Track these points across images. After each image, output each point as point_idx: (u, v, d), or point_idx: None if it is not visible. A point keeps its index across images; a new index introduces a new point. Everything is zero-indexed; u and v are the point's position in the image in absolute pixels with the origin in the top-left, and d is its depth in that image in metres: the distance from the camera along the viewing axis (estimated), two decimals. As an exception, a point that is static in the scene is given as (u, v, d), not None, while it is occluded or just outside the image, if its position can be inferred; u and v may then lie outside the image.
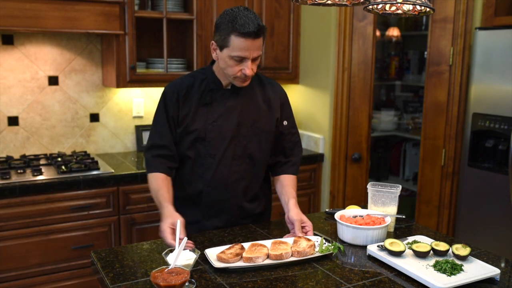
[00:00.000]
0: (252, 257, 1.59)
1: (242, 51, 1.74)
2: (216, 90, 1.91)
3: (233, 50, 1.75)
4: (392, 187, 1.93)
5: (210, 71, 1.93)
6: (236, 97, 1.92)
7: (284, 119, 2.03)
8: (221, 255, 1.60)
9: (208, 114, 1.89)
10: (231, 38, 1.73)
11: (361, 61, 3.29)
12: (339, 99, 3.33)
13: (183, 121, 1.89)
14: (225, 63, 1.80)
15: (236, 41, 1.73)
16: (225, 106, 1.91)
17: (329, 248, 1.65)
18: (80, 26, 2.71)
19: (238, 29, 1.71)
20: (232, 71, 1.80)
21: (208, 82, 1.92)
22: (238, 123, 1.91)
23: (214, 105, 1.90)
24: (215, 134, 1.89)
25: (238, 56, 1.75)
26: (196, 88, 1.91)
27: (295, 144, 2.09)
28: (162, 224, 1.69)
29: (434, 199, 3.31)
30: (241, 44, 1.73)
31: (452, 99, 3.17)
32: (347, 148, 3.38)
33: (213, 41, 1.82)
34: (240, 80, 1.83)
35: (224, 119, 1.90)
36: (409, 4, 1.56)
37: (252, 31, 1.71)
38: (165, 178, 1.89)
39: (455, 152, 3.20)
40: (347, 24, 3.23)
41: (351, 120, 3.35)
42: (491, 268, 1.53)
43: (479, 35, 2.95)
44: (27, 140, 3.06)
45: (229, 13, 1.75)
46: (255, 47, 1.76)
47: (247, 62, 1.77)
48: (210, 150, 1.90)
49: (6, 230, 2.50)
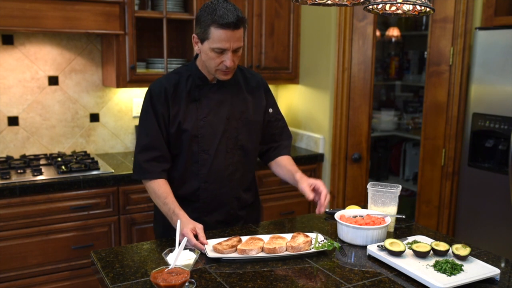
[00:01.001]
0: (246, 249, 1.63)
1: (222, 43, 1.75)
2: (202, 86, 1.91)
3: (214, 42, 1.75)
4: (392, 187, 1.93)
5: (194, 67, 1.92)
6: (223, 90, 1.93)
7: (269, 107, 2.06)
8: (217, 245, 1.65)
9: (198, 110, 1.90)
10: (211, 30, 1.74)
11: (361, 61, 3.29)
12: (339, 99, 3.33)
13: (175, 120, 1.88)
14: (207, 56, 1.81)
15: (216, 32, 1.74)
16: (214, 100, 1.91)
17: (324, 245, 1.66)
18: (80, 26, 2.71)
19: (217, 21, 1.72)
20: (213, 63, 1.80)
21: (194, 78, 1.91)
22: (228, 116, 1.92)
23: (203, 101, 1.91)
24: (207, 130, 1.90)
25: (218, 48, 1.76)
26: (182, 85, 1.90)
27: (283, 130, 2.13)
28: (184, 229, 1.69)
29: (434, 199, 3.31)
30: (220, 35, 1.74)
31: (452, 99, 3.17)
32: (347, 148, 3.38)
33: (194, 34, 1.83)
34: (222, 72, 1.83)
35: (214, 113, 1.91)
36: (409, 4, 1.56)
37: (232, 21, 1.72)
38: (166, 183, 1.90)
39: (455, 152, 3.20)
40: (347, 24, 3.23)
41: (351, 120, 3.35)
42: (491, 268, 1.53)
43: (479, 35, 2.95)
44: (27, 140, 3.06)
45: (209, 5, 1.77)
46: (235, 38, 1.76)
47: (228, 54, 1.78)
48: (204, 146, 1.91)
49: (6, 230, 2.50)
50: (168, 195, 1.85)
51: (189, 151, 1.91)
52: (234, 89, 1.96)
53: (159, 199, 1.86)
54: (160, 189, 1.87)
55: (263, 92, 2.04)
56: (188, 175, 1.94)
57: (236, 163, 1.97)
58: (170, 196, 1.85)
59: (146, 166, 1.89)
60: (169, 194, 1.86)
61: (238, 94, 1.96)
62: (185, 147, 1.90)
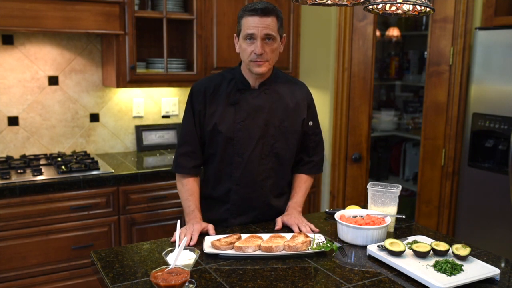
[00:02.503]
0: (242, 246, 1.63)
1: (250, 28, 1.82)
2: (243, 90, 1.94)
3: (244, 30, 1.84)
4: (392, 187, 1.93)
5: (238, 71, 1.97)
6: (264, 96, 1.95)
7: (309, 120, 2.07)
8: (215, 242, 1.66)
9: (236, 113, 1.92)
10: (243, 20, 1.85)
11: (361, 61, 3.29)
12: (339, 99, 3.33)
13: (210, 119, 1.92)
14: (241, 49, 1.88)
15: (246, 20, 1.83)
16: (253, 106, 1.93)
17: (322, 246, 1.66)
18: (80, 26, 2.71)
19: (246, 9, 1.84)
20: (245, 54, 1.86)
21: (236, 82, 1.95)
22: (265, 123, 1.94)
23: (242, 105, 1.93)
24: (243, 134, 1.92)
25: (247, 34, 1.83)
26: (224, 87, 1.94)
27: (318, 144, 2.13)
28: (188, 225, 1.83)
29: (434, 199, 3.31)
30: (248, 22, 1.82)
31: (452, 99, 3.17)
32: (347, 148, 3.38)
33: (235, 34, 1.92)
34: (255, 63, 1.85)
35: (252, 118, 1.92)
36: (409, 4, 1.56)
37: (259, 8, 1.81)
38: (194, 181, 2.00)
39: (455, 152, 3.20)
40: (347, 24, 3.23)
41: (351, 120, 3.35)
42: (491, 268, 1.53)
43: (479, 35, 2.95)
44: (27, 140, 3.06)
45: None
46: (263, 25, 1.82)
47: (257, 41, 1.82)
48: (239, 150, 1.92)
49: (6, 230, 2.50)
50: (193, 193, 1.96)
51: (223, 153, 1.94)
52: (276, 96, 1.98)
53: (183, 194, 1.97)
54: (188, 185, 1.97)
55: (306, 103, 2.05)
56: (222, 176, 1.98)
57: (269, 170, 1.98)
58: (194, 195, 1.96)
59: (180, 160, 1.99)
60: (194, 193, 1.96)
61: (279, 101, 1.98)
62: (220, 148, 1.94)
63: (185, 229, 1.80)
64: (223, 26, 3.21)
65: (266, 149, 1.95)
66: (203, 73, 3.19)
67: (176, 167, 2.00)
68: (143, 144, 3.37)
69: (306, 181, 2.11)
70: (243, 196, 1.97)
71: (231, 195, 1.98)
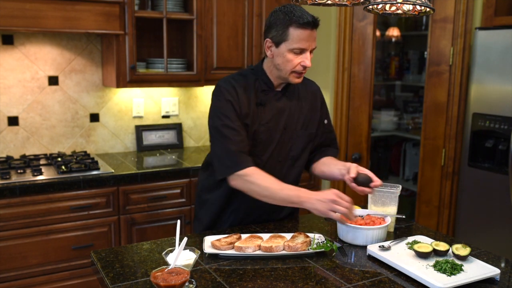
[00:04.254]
0: (242, 246, 1.63)
1: (302, 42, 1.75)
2: (268, 91, 1.90)
3: (293, 42, 1.75)
4: (392, 187, 1.93)
5: (261, 71, 1.90)
6: (285, 100, 1.93)
7: (324, 118, 2.05)
8: (215, 242, 1.66)
9: (260, 115, 1.88)
10: (290, 31, 1.74)
11: (361, 61, 3.29)
12: (339, 99, 3.33)
13: (244, 121, 1.86)
14: (283, 58, 1.79)
15: (295, 32, 1.74)
16: (276, 108, 1.90)
17: (322, 246, 1.66)
18: (80, 26, 2.71)
19: (297, 21, 1.73)
20: (291, 65, 1.79)
21: (260, 83, 1.90)
22: (285, 126, 1.92)
23: (267, 107, 1.89)
24: (264, 136, 1.88)
25: (298, 48, 1.76)
26: (250, 88, 1.88)
27: (331, 142, 2.12)
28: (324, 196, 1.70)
29: (434, 199, 3.31)
30: (300, 35, 1.74)
31: (452, 99, 3.17)
32: (347, 148, 3.38)
33: (268, 38, 1.81)
34: (296, 75, 1.82)
35: (274, 121, 1.90)
36: (409, 4, 1.56)
37: (311, 21, 1.74)
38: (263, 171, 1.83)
39: (455, 152, 3.20)
40: (347, 24, 3.23)
41: (351, 120, 3.35)
42: (491, 268, 1.53)
43: (479, 35, 2.95)
44: (27, 140, 3.06)
45: (282, 9, 1.77)
46: (312, 38, 1.78)
47: (306, 54, 1.78)
48: (258, 152, 1.89)
49: (6, 230, 2.50)
50: (275, 181, 1.78)
51: None
52: (294, 99, 1.95)
53: (272, 185, 1.77)
54: (264, 175, 1.79)
55: (319, 103, 2.03)
56: None
57: (284, 173, 1.95)
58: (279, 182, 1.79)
59: (241, 157, 1.80)
60: (277, 180, 1.79)
61: (298, 105, 1.95)
62: None
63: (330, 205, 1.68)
64: (223, 26, 3.21)
65: (283, 152, 1.94)
66: (203, 73, 3.19)
67: (238, 165, 1.78)
68: (143, 144, 3.37)
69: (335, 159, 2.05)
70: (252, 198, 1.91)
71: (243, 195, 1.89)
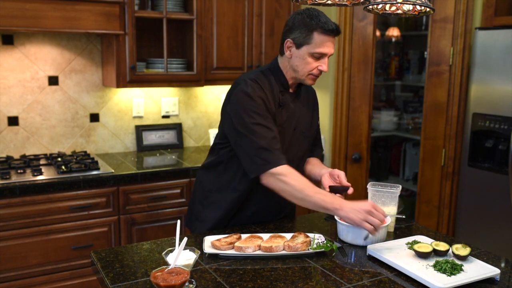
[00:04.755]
0: (242, 246, 1.64)
1: (324, 48, 1.79)
2: (284, 93, 1.90)
3: (315, 46, 1.78)
4: (392, 187, 1.93)
5: (278, 71, 1.89)
6: (297, 102, 1.95)
7: (317, 119, 2.09)
8: (215, 242, 1.66)
9: (278, 116, 1.87)
10: (314, 35, 1.78)
11: (361, 61, 3.29)
12: (339, 99, 3.33)
13: None
14: (302, 61, 1.82)
15: (319, 37, 1.78)
16: (291, 109, 1.92)
17: (322, 246, 1.66)
18: (80, 26, 2.71)
19: (323, 26, 1.77)
20: (308, 68, 1.82)
21: (278, 83, 1.89)
22: (294, 127, 1.94)
23: (284, 108, 1.90)
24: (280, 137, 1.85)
25: (319, 53, 1.80)
26: (273, 88, 1.87)
27: (318, 142, 2.16)
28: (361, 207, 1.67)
29: (434, 199, 3.31)
30: (324, 40, 1.78)
31: (452, 99, 3.17)
32: (347, 148, 3.38)
33: (289, 39, 1.83)
34: (313, 77, 1.86)
35: (288, 123, 1.91)
36: (409, 4, 1.56)
37: (335, 28, 1.79)
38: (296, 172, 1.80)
39: (455, 152, 3.20)
40: (347, 24, 3.23)
41: (351, 120, 3.35)
42: (491, 268, 1.53)
43: (479, 35, 2.95)
44: (27, 140, 3.06)
45: (307, 12, 1.80)
46: (333, 45, 1.83)
47: (325, 59, 1.83)
48: None
49: (6, 230, 2.50)
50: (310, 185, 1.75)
51: None
52: (302, 102, 1.98)
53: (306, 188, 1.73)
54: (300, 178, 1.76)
55: (315, 104, 2.07)
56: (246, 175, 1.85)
57: None
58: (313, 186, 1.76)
59: (275, 154, 1.76)
60: (310, 184, 1.76)
61: (303, 107, 1.99)
62: None
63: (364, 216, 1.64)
64: (223, 26, 3.21)
65: (292, 153, 1.94)
66: (203, 73, 3.19)
67: (272, 163, 1.73)
68: (143, 144, 3.37)
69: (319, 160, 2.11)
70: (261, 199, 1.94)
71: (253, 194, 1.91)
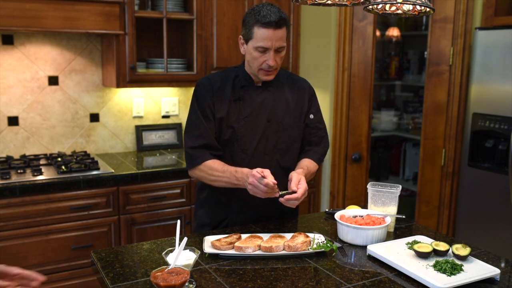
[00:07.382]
0: (242, 246, 1.64)
1: (265, 41, 1.82)
2: (247, 87, 1.96)
3: (257, 41, 1.83)
4: (392, 187, 1.93)
5: (242, 69, 1.99)
6: (267, 93, 1.97)
7: (310, 113, 2.07)
8: (215, 242, 1.66)
9: (240, 110, 1.93)
10: (254, 29, 1.83)
11: (361, 61, 3.29)
12: (339, 99, 3.33)
13: (218, 115, 1.91)
14: (251, 55, 1.88)
15: (258, 32, 1.82)
16: (257, 102, 1.95)
17: (322, 246, 1.66)
18: (80, 26, 2.71)
19: (260, 20, 1.81)
20: (256, 63, 1.88)
21: (240, 79, 1.97)
22: (268, 119, 1.96)
23: (246, 101, 1.95)
24: (247, 130, 1.93)
25: (261, 47, 1.83)
26: (229, 83, 1.96)
27: (322, 139, 2.11)
28: (251, 173, 1.73)
29: (434, 199, 3.31)
30: (263, 34, 1.82)
31: (452, 99, 3.17)
32: (347, 148, 3.38)
33: (241, 35, 1.92)
34: (264, 72, 1.89)
35: (256, 115, 1.94)
36: (409, 4, 1.56)
37: (273, 20, 1.80)
38: (216, 160, 1.91)
39: (455, 152, 3.20)
40: (347, 24, 3.23)
41: (351, 120, 3.35)
42: (491, 268, 1.53)
43: (479, 35, 2.95)
44: (27, 140, 3.06)
45: (254, 8, 1.86)
46: (276, 38, 1.82)
47: (270, 53, 1.84)
48: (242, 146, 1.93)
49: (6, 230, 2.50)
50: (224, 164, 1.87)
51: (228, 149, 1.94)
52: (278, 93, 2.00)
53: (216, 171, 1.86)
54: (215, 163, 1.88)
55: (307, 97, 2.06)
56: None
57: (273, 167, 1.95)
58: (225, 165, 1.86)
59: (193, 153, 1.91)
60: (225, 164, 1.87)
61: (281, 97, 1.99)
62: (225, 144, 1.94)
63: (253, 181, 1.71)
64: (223, 26, 3.21)
65: (269, 145, 1.96)
66: (203, 73, 3.19)
67: (193, 161, 1.91)
68: (143, 144, 3.37)
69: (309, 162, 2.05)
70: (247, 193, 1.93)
71: (234, 192, 1.95)
